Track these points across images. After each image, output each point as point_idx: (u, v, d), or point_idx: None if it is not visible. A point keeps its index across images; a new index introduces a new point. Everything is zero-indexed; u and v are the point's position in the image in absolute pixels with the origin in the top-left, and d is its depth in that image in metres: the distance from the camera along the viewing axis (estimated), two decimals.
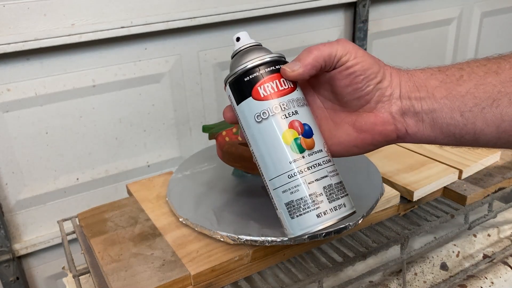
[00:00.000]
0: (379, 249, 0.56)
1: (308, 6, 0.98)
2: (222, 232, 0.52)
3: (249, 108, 0.38)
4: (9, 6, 0.73)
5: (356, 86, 0.39)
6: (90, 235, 0.56)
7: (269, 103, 0.37)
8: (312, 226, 0.36)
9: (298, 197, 0.36)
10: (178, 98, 0.93)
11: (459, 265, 0.65)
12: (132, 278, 0.48)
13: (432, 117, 0.38)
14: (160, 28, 0.84)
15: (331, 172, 0.37)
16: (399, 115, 0.39)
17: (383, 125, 0.40)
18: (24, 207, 0.86)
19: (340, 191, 0.37)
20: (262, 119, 0.37)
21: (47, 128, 0.83)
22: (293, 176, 0.36)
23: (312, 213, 0.36)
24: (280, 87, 0.37)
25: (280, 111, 0.36)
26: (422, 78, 0.39)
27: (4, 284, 0.86)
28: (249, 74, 0.37)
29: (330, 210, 0.36)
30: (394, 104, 0.39)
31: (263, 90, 0.37)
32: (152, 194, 0.64)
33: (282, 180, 0.36)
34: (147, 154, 0.94)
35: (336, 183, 0.37)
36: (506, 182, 0.67)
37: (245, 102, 0.38)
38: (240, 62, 0.38)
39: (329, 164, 0.37)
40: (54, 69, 0.80)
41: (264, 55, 0.38)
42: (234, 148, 0.54)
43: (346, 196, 0.38)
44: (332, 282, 0.60)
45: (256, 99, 0.37)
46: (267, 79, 0.37)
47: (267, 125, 0.37)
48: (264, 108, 0.37)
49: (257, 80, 0.37)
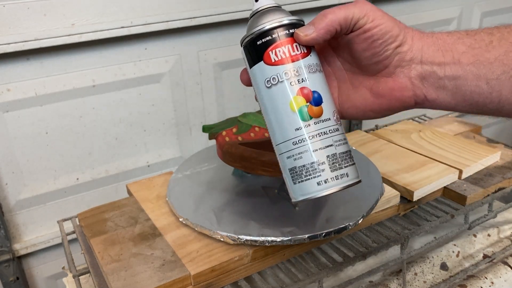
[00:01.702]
0: (379, 249, 0.56)
1: (308, 6, 0.98)
2: (222, 232, 0.52)
3: (260, 73, 0.37)
4: (9, 6, 0.73)
5: (374, 50, 0.37)
6: (90, 235, 0.56)
7: (279, 69, 0.36)
8: (312, 193, 0.36)
9: (300, 164, 0.36)
10: (178, 98, 0.93)
11: (459, 265, 0.65)
12: (132, 278, 0.48)
13: (455, 84, 0.37)
14: (160, 28, 0.84)
15: (337, 141, 0.37)
16: (419, 81, 0.38)
17: (400, 91, 0.38)
18: (24, 207, 0.86)
19: (344, 160, 0.36)
20: (271, 84, 0.36)
21: (47, 128, 0.83)
22: (297, 143, 0.36)
23: (313, 180, 0.36)
24: (292, 52, 0.36)
25: (289, 77, 0.36)
26: (449, 42, 0.37)
27: (4, 284, 0.86)
28: (262, 38, 0.36)
29: (331, 179, 0.36)
30: (413, 69, 0.38)
31: (274, 54, 0.36)
32: (152, 194, 0.64)
33: (287, 146, 0.37)
34: (147, 154, 0.94)
35: (341, 152, 0.37)
36: (506, 182, 0.67)
37: (257, 66, 0.37)
38: (254, 24, 0.37)
39: (336, 133, 0.37)
40: (54, 69, 0.80)
41: (279, 18, 0.37)
42: (234, 148, 0.54)
43: (350, 166, 0.37)
44: (332, 282, 0.60)
45: (267, 64, 0.36)
46: (279, 43, 0.36)
47: (276, 91, 0.36)
48: (274, 74, 0.36)
49: (269, 44, 0.36)
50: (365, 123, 1.21)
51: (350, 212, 0.54)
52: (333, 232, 0.51)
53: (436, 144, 0.74)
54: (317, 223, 0.52)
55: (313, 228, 0.51)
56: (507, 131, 1.61)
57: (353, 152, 0.69)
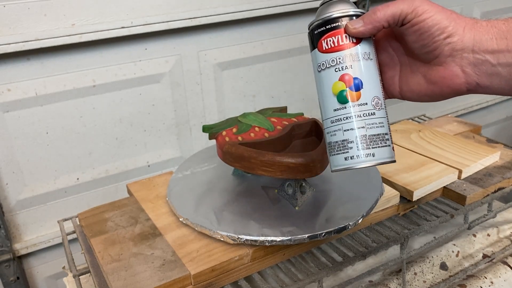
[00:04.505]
0: (379, 249, 0.56)
1: (308, 6, 0.98)
2: (222, 232, 0.52)
3: (315, 58, 0.42)
4: (9, 6, 0.73)
5: (423, 42, 0.39)
6: (90, 235, 0.56)
7: (328, 56, 0.41)
8: (340, 166, 0.41)
9: (334, 140, 0.41)
10: (178, 98, 0.93)
11: (458, 265, 0.65)
12: (132, 278, 0.48)
13: (509, 71, 0.38)
14: (160, 28, 0.84)
15: (370, 124, 0.40)
16: (470, 69, 0.39)
17: (452, 79, 0.40)
18: (25, 207, 0.86)
19: (373, 142, 0.40)
20: (321, 69, 0.42)
21: (48, 128, 0.83)
22: (334, 122, 0.41)
23: (341, 155, 0.41)
24: (341, 42, 0.40)
25: (335, 64, 0.41)
26: (503, 29, 0.38)
27: (5, 284, 0.86)
28: (318, 28, 0.41)
29: (357, 156, 0.40)
30: (465, 58, 0.39)
31: (325, 43, 0.41)
32: (152, 194, 0.64)
33: (327, 124, 0.42)
34: (147, 154, 0.94)
35: (372, 134, 0.40)
36: (505, 182, 0.67)
37: (314, 51, 0.42)
38: (317, 15, 0.42)
39: (370, 117, 0.40)
40: (55, 69, 0.80)
41: (335, 11, 0.41)
42: (234, 148, 0.54)
43: (379, 148, 0.40)
44: (332, 282, 0.60)
45: (320, 51, 0.41)
46: (331, 33, 0.41)
47: (324, 75, 0.41)
48: (323, 60, 0.41)
49: (324, 34, 0.41)
50: None
51: (350, 212, 0.54)
52: (333, 232, 0.52)
53: (436, 144, 0.75)
54: (317, 223, 0.53)
55: (313, 228, 0.52)
56: (507, 131, 1.61)
57: None
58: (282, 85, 1.05)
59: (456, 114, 1.39)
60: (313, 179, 0.61)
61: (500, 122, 1.58)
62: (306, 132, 0.60)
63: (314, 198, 0.58)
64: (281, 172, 0.51)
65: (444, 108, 1.34)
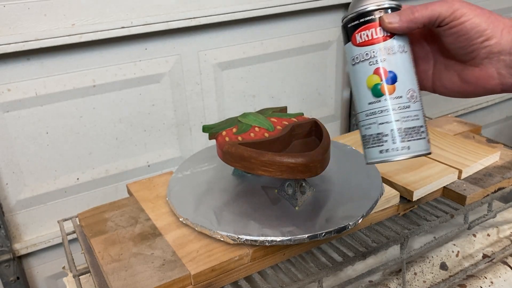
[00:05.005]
0: (379, 249, 0.56)
1: (308, 6, 0.98)
2: (222, 232, 0.52)
3: (349, 51, 0.42)
4: (9, 6, 0.73)
5: (460, 44, 0.39)
6: (90, 235, 0.57)
7: (362, 49, 0.41)
8: (375, 159, 0.41)
9: (369, 133, 0.41)
10: (178, 98, 0.93)
11: (458, 265, 0.65)
12: (132, 278, 0.48)
13: None
14: (160, 28, 0.84)
15: (404, 117, 0.40)
16: (506, 71, 0.39)
17: (487, 80, 0.40)
18: (25, 207, 0.86)
19: (408, 135, 0.40)
20: (355, 63, 0.41)
21: (48, 128, 0.83)
22: (368, 115, 0.41)
23: (376, 148, 0.41)
24: (375, 35, 0.40)
25: (369, 58, 0.40)
26: None
27: (5, 284, 0.86)
28: (353, 21, 0.41)
29: (392, 149, 0.40)
30: (502, 61, 0.39)
31: (359, 37, 0.41)
32: (152, 194, 0.64)
33: (362, 117, 0.42)
34: (147, 154, 0.94)
35: (408, 127, 0.40)
36: (505, 182, 0.67)
37: (347, 45, 0.42)
38: (351, 8, 0.42)
39: (405, 110, 0.40)
40: (55, 69, 0.80)
41: (368, 4, 0.40)
42: (234, 148, 0.54)
43: (416, 140, 0.40)
44: (332, 282, 0.60)
45: (354, 45, 0.41)
46: (365, 27, 0.40)
47: (358, 69, 0.41)
48: (358, 53, 0.41)
49: (358, 27, 0.41)
50: None
51: (350, 212, 0.54)
52: (333, 232, 0.52)
53: (436, 144, 0.75)
54: (317, 223, 0.53)
55: (313, 228, 0.52)
56: (507, 131, 1.61)
57: (353, 152, 0.70)
58: (282, 85, 1.05)
59: (456, 114, 1.38)
60: (313, 179, 0.61)
61: (500, 122, 1.58)
62: (306, 132, 0.60)
63: (314, 198, 0.58)
64: (281, 172, 0.51)
65: (444, 108, 1.34)
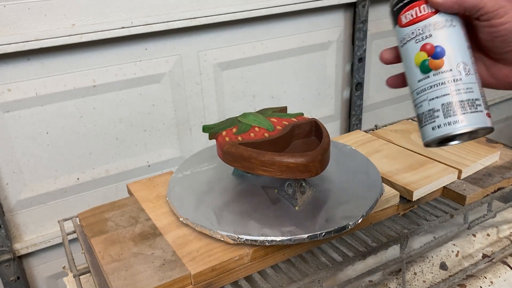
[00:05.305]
0: (379, 249, 0.56)
1: (308, 6, 0.98)
2: (222, 231, 0.52)
3: (397, 33, 0.42)
4: (9, 6, 0.73)
5: (494, 43, 0.39)
6: (90, 234, 0.57)
7: (408, 29, 0.41)
8: (428, 137, 0.40)
9: (421, 112, 0.40)
10: (178, 98, 0.93)
11: (458, 264, 0.65)
12: (132, 278, 0.48)
13: None
14: (160, 29, 0.84)
15: (455, 90, 0.39)
16: None
17: None
18: (25, 207, 0.86)
19: (461, 108, 0.39)
20: (403, 44, 0.41)
21: (48, 128, 0.83)
22: (419, 93, 0.40)
23: (429, 126, 0.40)
24: (419, 13, 0.40)
25: (415, 36, 0.40)
26: None
27: (5, 284, 0.86)
28: (398, 4, 0.42)
29: (444, 124, 0.39)
30: None
31: (404, 17, 0.41)
32: (153, 194, 0.64)
33: (413, 96, 0.41)
34: (147, 154, 0.94)
35: (460, 100, 0.39)
36: (505, 182, 0.67)
37: (395, 28, 0.42)
38: None
39: (456, 83, 0.39)
40: (55, 69, 0.80)
41: None
42: (234, 148, 0.54)
43: (468, 114, 0.39)
44: (332, 282, 0.60)
45: (400, 26, 0.41)
46: (409, 7, 0.41)
47: (406, 49, 0.41)
48: (404, 34, 0.41)
49: (402, 8, 0.41)
50: (365, 123, 1.21)
51: (349, 212, 0.54)
52: (333, 232, 0.52)
53: None
54: (316, 222, 0.53)
55: (313, 228, 0.52)
56: (507, 131, 1.61)
57: (352, 152, 0.70)
58: (282, 85, 1.05)
59: None
60: (313, 179, 0.61)
61: (500, 122, 1.58)
62: (306, 132, 0.60)
63: (314, 198, 0.58)
64: (281, 172, 0.51)
65: None
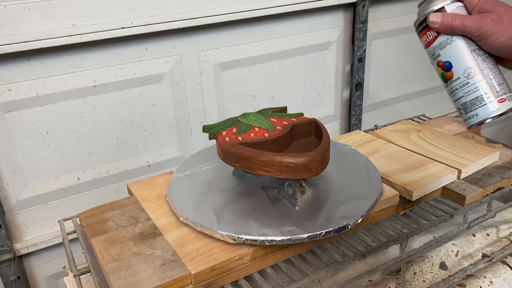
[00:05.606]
0: (379, 249, 0.56)
1: (308, 7, 0.98)
2: (222, 231, 0.52)
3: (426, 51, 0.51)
4: (10, 6, 0.73)
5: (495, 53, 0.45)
6: (90, 234, 0.57)
7: (427, 51, 0.50)
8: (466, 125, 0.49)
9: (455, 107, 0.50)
10: (178, 98, 0.93)
11: (458, 264, 0.65)
12: (132, 278, 0.48)
13: None
14: (160, 29, 0.84)
15: (466, 92, 0.48)
16: None
17: None
18: (25, 207, 0.86)
19: (473, 105, 0.47)
20: (431, 60, 0.50)
21: (48, 128, 0.83)
22: (449, 94, 0.50)
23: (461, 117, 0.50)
24: (427, 39, 0.49)
25: (432, 56, 0.49)
26: None
27: (5, 284, 0.86)
28: (417, 29, 0.50)
29: (464, 119, 0.49)
30: None
31: (423, 42, 0.50)
32: (153, 194, 0.64)
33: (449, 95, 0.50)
34: (147, 154, 0.95)
35: (471, 99, 0.47)
36: (505, 182, 0.67)
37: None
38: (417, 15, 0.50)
39: (465, 87, 0.47)
40: (55, 70, 0.80)
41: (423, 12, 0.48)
42: (234, 148, 0.54)
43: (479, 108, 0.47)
44: (332, 282, 0.60)
45: (424, 47, 0.50)
46: (422, 33, 0.49)
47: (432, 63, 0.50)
48: (428, 53, 0.50)
49: (420, 33, 0.50)
50: (364, 123, 1.21)
51: (349, 212, 0.55)
52: (333, 232, 0.52)
53: (435, 144, 0.75)
54: (316, 222, 0.53)
55: (313, 228, 0.52)
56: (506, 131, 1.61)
57: (352, 152, 0.70)
58: (282, 85, 1.05)
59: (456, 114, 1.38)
60: (313, 179, 0.61)
61: (499, 122, 1.58)
62: (306, 132, 0.60)
63: (314, 198, 0.58)
64: (281, 172, 0.51)
65: (443, 108, 1.34)
